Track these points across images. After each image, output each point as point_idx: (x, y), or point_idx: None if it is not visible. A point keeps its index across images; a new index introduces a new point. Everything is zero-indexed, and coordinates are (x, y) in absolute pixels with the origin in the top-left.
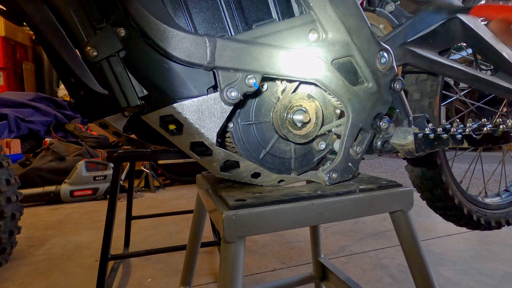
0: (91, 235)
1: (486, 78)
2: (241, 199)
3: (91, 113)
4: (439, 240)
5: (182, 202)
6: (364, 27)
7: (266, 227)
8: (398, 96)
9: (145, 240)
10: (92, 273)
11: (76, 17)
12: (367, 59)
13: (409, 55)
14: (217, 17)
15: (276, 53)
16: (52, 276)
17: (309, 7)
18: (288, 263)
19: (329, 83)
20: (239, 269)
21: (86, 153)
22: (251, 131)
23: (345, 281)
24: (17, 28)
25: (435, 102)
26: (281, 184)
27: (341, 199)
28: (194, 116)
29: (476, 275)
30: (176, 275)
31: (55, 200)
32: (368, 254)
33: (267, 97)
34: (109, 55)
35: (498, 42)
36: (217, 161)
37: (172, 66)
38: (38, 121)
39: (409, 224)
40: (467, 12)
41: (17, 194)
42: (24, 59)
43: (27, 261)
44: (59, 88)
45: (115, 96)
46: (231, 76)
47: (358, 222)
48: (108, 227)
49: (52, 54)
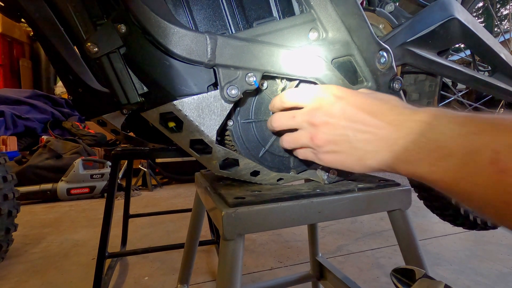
0: (88, 233)
1: (483, 79)
2: (240, 197)
3: (89, 110)
4: (436, 240)
5: (179, 200)
6: (364, 27)
7: (265, 224)
8: (397, 96)
9: (143, 239)
10: (89, 271)
11: (75, 13)
12: (366, 58)
13: (408, 55)
14: (218, 15)
15: (277, 51)
16: (49, 274)
17: (309, 6)
18: (285, 262)
19: (329, 82)
20: (238, 267)
21: (83, 151)
22: (251, 129)
23: (343, 280)
24: (14, 25)
25: (433, 102)
26: (280, 182)
27: (340, 197)
28: (194, 114)
29: (472, 275)
30: (174, 274)
31: (51, 198)
32: (365, 253)
33: (267, 95)
34: (110, 52)
35: (496, 44)
36: (217, 159)
37: (172, 63)
38: (35, 118)
39: (406, 223)
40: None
41: (14, 192)
42: (21, 56)
43: (23, 259)
44: (56, 85)
45: (115, 93)
46: (231, 73)
47: (355, 221)
48: (105, 225)
49: (50, 51)
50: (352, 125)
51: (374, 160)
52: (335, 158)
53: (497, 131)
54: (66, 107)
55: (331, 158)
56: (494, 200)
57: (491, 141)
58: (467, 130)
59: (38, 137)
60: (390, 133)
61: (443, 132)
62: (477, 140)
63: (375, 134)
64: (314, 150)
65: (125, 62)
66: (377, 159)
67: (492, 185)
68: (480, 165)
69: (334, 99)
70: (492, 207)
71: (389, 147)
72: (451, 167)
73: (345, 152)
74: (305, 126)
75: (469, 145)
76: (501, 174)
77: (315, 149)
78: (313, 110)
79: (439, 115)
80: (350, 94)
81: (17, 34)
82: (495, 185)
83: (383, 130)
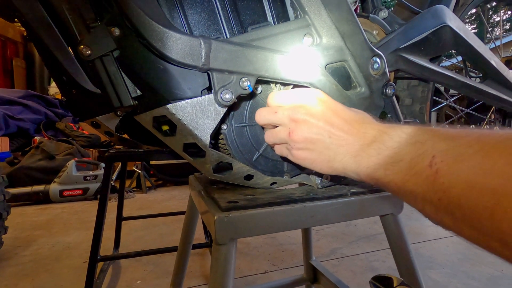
0: (80, 235)
1: (475, 85)
2: (233, 201)
3: (83, 111)
4: (429, 244)
5: (174, 203)
6: (357, 33)
7: (258, 229)
8: (390, 101)
9: (136, 241)
10: (80, 274)
11: (69, 15)
12: (360, 64)
13: (401, 61)
14: (212, 19)
15: (271, 56)
16: (39, 277)
17: (304, 11)
18: (279, 265)
19: (322, 87)
20: (230, 271)
21: (76, 152)
22: (245, 133)
23: (336, 283)
24: (8, 24)
25: (425, 107)
26: (273, 186)
27: (333, 202)
28: (188, 117)
29: (464, 278)
30: (167, 277)
31: (43, 199)
32: (359, 257)
33: (261, 99)
34: (103, 55)
35: (486, 51)
36: (210, 163)
37: (166, 66)
38: (27, 119)
39: (398, 228)
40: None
41: (4, 193)
42: (14, 56)
43: (13, 262)
44: (50, 85)
45: (108, 95)
46: (225, 78)
47: (349, 225)
48: (98, 227)
49: (44, 52)
50: (329, 127)
51: (340, 164)
52: (307, 156)
53: (437, 139)
54: (60, 108)
55: (303, 155)
56: (431, 198)
57: (430, 148)
58: (416, 139)
59: (31, 137)
60: (356, 140)
61: (398, 141)
62: (421, 147)
63: (345, 139)
64: (289, 145)
65: (118, 65)
66: (343, 163)
67: (430, 184)
68: (421, 167)
69: (316, 101)
70: (430, 205)
71: (354, 152)
72: (401, 170)
73: (318, 151)
74: (285, 122)
75: (415, 152)
76: (435, 175)
77: (291, 144)
78: (296, 107)
79: (394, 126)
80: (331, 100)
81: (11, 33)
82: (432, 184)
83: (352, 137)
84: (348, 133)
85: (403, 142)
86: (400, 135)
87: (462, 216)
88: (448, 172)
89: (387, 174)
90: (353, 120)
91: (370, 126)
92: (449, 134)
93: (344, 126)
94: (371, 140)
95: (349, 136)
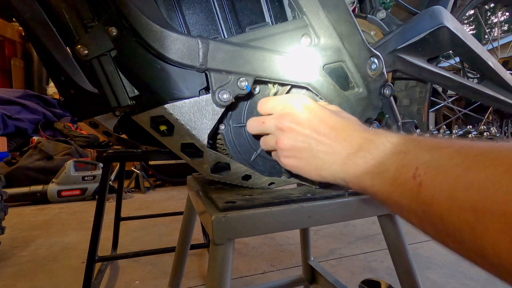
0: (78, 236)
1: (472, 86)
2: (231, 201)
3: (81, 111)
4: (427, 244)
5: (172, 203)
6: (355, 33)
7: (255, 229)
8: (388, 102)
9: (134, 242)
10: (78, 275)
11: (67, 14)
12: (358, 64)
13: (399, 61)
14: (210, 19)
15: (269, 56)
16: (37, 278)
17: (302, 12)
18: (278, 265)
19: (320, 87)
20: (228, 272)
21: (75, 153)
22: (243, 134)
23: (334, 284)
24: (6, 24)
25: (423, 108)
26: (271, 186)
27: (330, 202)
28: (186, 118)
29: (462, 278)
30: (165, 277)
31: (41, 200)
32: (357, 257)
33: (259, 100)
34: (100, 54)
35: (484, 51)
36: (208, 163)
37: (164, 66)
38: (26, 118)
39: (396, 228)
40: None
41: (2, 193)
42: (12, 55)
43: (11, 262)
44: (48, 85)
45: (106, 95)
46: (223, 78)
47: (348, 225)
48: (96, 227)
49: (42, 52)
50: (315, 135)
51: (328, 172)
52: (295, 163)
53: (420, 150)
54: (58, 108)
55: (291, 163)
56: (416, 209)
57: (414, 158)
58: (400, 149)
59: (29, 137)
60: (343, 148)
61: (382, 149)
62: (405, 157)
63: (332, 147)
64: (277, 153)
65: (115, 65)
66: (330, 171)
67: (414, 196)
68: (406, 179)
69: (303, 108)
70: (415, 216)
71: (341, 161)
72: (387, 181)
73: (305, 159)
74: (273, 131)
75: (399, 162)
76: (419, 187)
77: (279, 152)
78: (282, 115)
79: (379, 134)
80: (318, 107)
81: (9, 33)
82: (416, 196)
83: (339, 145)
84: (335, 141)
85: (388, 152)
86: (385, 143)
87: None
88: (431, 185)
89: (374, 184)
90: (339, 127)
91: (357, 134)
92: (432, 144)
93: (330, 134)
94: (357, 149)
95: (336, 143)
